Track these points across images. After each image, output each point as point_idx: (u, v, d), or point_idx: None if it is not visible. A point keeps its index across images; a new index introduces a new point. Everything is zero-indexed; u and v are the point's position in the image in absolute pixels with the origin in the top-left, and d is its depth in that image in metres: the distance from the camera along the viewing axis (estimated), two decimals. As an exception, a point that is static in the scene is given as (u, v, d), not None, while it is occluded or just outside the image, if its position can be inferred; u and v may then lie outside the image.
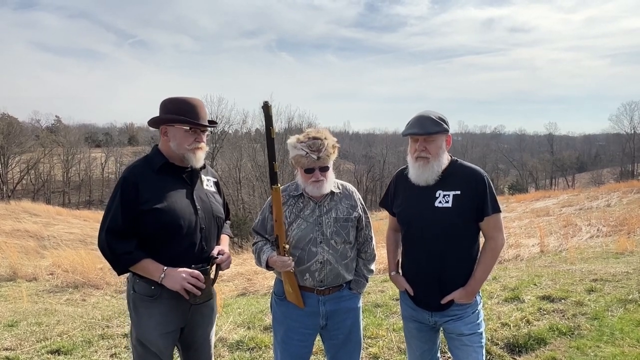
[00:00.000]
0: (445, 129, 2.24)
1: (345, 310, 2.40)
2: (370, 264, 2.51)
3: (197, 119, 2.19)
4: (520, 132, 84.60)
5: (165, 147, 2.23)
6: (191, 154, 2.20)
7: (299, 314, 2.36)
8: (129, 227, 2.08)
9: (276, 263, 2.24)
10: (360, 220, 2.43)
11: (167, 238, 2.14)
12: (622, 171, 57.73)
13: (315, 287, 2.34)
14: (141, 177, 2.14)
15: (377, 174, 58.86)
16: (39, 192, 51.57)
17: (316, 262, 2.30)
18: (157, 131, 2.32)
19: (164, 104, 2.24)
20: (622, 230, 10.25)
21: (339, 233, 2.33)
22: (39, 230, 17.56)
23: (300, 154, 2.24)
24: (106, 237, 2.07)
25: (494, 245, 2.26)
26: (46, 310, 5.79)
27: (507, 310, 4.52)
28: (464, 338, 2.29)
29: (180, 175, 2.24)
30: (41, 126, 61.90)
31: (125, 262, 2.09)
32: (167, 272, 2.08)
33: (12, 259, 9.43)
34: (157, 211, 2.09)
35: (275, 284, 2.51)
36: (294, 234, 2.31)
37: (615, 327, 3.99)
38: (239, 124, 39.37)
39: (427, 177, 2.25)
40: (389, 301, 5.11)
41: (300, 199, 2.37)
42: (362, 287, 2.47)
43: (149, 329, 2.17)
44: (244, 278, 7.99)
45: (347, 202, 2.41)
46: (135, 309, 2.20)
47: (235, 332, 4.28)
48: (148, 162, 2.22)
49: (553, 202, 20.09)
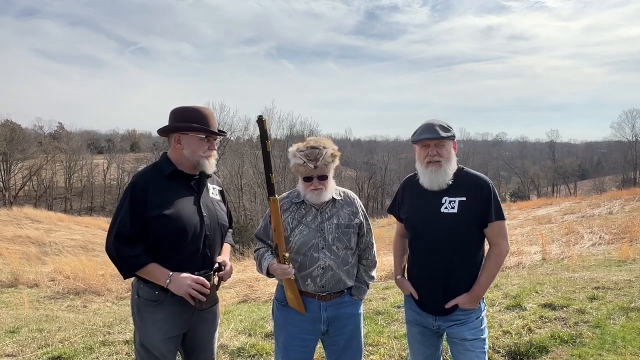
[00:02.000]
0: (453, 134, 2.34)
1: (346, 316, 2.41)
2: (371, 270, 2.53)
3: (210, 127, 2.27)
4: (522, 140, 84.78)
5: (175, 154, 2.28)
6: (205, 160, 2.28)
7: (300, 320, 2.37)
8: (137, 232, 2.12)
9: (276, 271, 2.27)
10: (361, 226, 2.45)
11: (173, 243, 2.18)
12: (624, 179, 57.58)
13: (317, 293, 2.35)
14: (150, 183, 2.19)
15: (378, 181, 58.87)
16: (41, 198, 51.65)
17: (318, 268, 2.32)
18: (159, 138, 2.37)
19: (175, 112, 2.28)
20: (624, 238, 10.22)
21: (340, 239, 2.35)
22: (40, 236, 17.58)
23: (298, 163, 2.29)
24: (114, 241, 2.11)
25: (498, 252, 2.30)
26: (47, 316, 5.80)
27: (508, 318, 4.51)
28: (466, 343, 2.31)
29: (188, 182, 2.30)
30: (44, 133, 62.14)
31: (132, 266, 2.13)
32: (173, 277, 2.12)
33: (14, 265, 9.45)
34: (164, 217, 2.14)
35: (277, 289, 2.53)
36: (296, 239, 2.33)
37: (618, 336, 3.98)
38: (241, 131, 39.49)
39: (440, 181, 2.30)
40: (391, 308, 5.10)
41: (302, 205, 2.39)
42: (363, 293, 2.49)
43: (152, 333, 2.20)
44: (245, 285, 7.98)
45: (349, 209, 2.44)
46: (139, 314, 2.23)
47: (237, 339, 4.28)
48: (157, 168, 2.27)
49: (555, 210, 20.04)
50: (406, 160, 55.94)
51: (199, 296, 2.12)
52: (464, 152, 67.50)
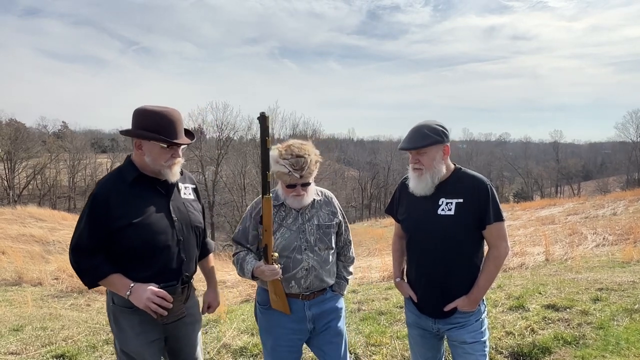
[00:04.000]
0: (436, 140, 2.22)
1: (329, 311, 2.45)
2: (349, 266, 2.60)
3: (174, 135, 2.10)
4: (525, 140, 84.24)
5: (139, 159, 2.15)
6: (167, 170, 2.14)
7: (286, 321, 2.38)
8: (97, 243, 2.04)
9: (264, 272, 2.21)
10: (340, 225, 2.49)
11: (144, 252, 2.08)
12: (628, 179, 57.26)
13: (300, 293, 2.37)
14: (113, 192, 2.07)
15: (381, 181, 58.76)
16: (45, 197, 51.87)
17: (302, 269, 2.34)
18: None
19: (137, 115, 2.10)
20: (628, 239, 10.18)
21: (322, 240, 2.38)
22: (44, 235, 17.61)
23: (282, 171, 2.23)
24: (72, 253, 2.07)
25: (497, 254, 2.27)
26: (51, 315, 5.83)
27: (511, 319, 4.50)
28: (466, 346, 2.29)
29: (154, 186, 2.17)
30: (48, 132, 62.26)
31: (91, 277, 2.07)
32: (134, 288, 2.02)
33: (18, 264, 9.51)
34: (131, 226, 2.04)
35: (258, 293, 2.52)
36: (278, 242, 2.33)
37: (621, 337, 3.96)
38: (244, 131, 39.53)
39: (423, 188, 2.29)
40: (393, 309, 5.10)
41: (281, 207, 2.38)
42: (343, 288, 2.55)
43: (131, 338, 2.14)
44: (247, 284, 7.99)
45: (327, 209, 2.46)
46: (115, 321, 2.17)
47: (239, 338, 4.29)
48: (121, 175, 2.14)
49: (558, 210, 19.97)
50: (409, 161, 55.51)
51: (159, 310, 2.01)
52: (467, 152, 67.36)
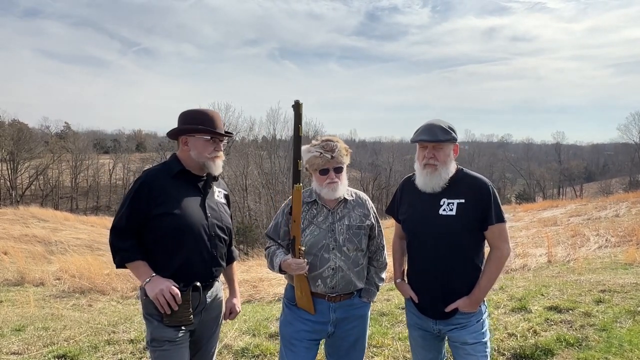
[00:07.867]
0: (453, 137, 2.28)
1: (354, 318, 2.42)
2: (381, 272, 2.55)
3: (216, 129, 2.33)
4: (528, 141, 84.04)
5: (184, 155, 2.34)
6: (211, 162, 2.33)
7: (308, 320, 2.37)
8: (133, 227, 2.20)
9: (291, 266, 2.25)
10: (372, 228, 2.46)
11: (178, 240, 2.22)
12: (630, 181, 57.11)
13: (326, 294, 2.35)
14: (157, 181, 2.25)
15: (383, 182, 58.74)
16: (48, 197, 52.04)
17: (328, 269, 2.32)
18: (165, 138, 2.41)
19: (183, 115, 2.35)
20: (631, 241, 10.13)
21: (351, 240, 2.36)
22: (46, 235, 17.66)
23: (314, 155, 2.32)
24: (111, 232, 2.23)
25: (499, 255, 2.27)
26: (53, 315, 5.83)
27: (514, 321, 4.49)
28: (467, 347, 2.28)
29: (195, 183, 2.35)
30: (50, 132, 62.52)
31: (122, 258, 2.21)
32: (154, 278, 2.15)
33: (20, 264, 9.52)
34: (169, 214, 2.20)
35: (286, 289, 2.54)
36: (307, 240, 2.34)
37: (624, 339, 3.94)
38: (246, 132, 39.60)
39: (434, 184, 2.28)
40: (395, 310, 5.09)
41: (314, 205, 2.40)
42: (373, 295, 2.50)
43: (162, 326, 2.20)
44: (249, 285, 7.98)
45: (360, 210, 2.44)
46: (148, 312, 2.24)
47: (241, 339, 4.28)
48: (166, 167, 2.34)
49: (561, 212, 19.90)
50: (411, 162, 54.44)
51: (165, 306, 2.10)
52: (469, 154, 67.24)
